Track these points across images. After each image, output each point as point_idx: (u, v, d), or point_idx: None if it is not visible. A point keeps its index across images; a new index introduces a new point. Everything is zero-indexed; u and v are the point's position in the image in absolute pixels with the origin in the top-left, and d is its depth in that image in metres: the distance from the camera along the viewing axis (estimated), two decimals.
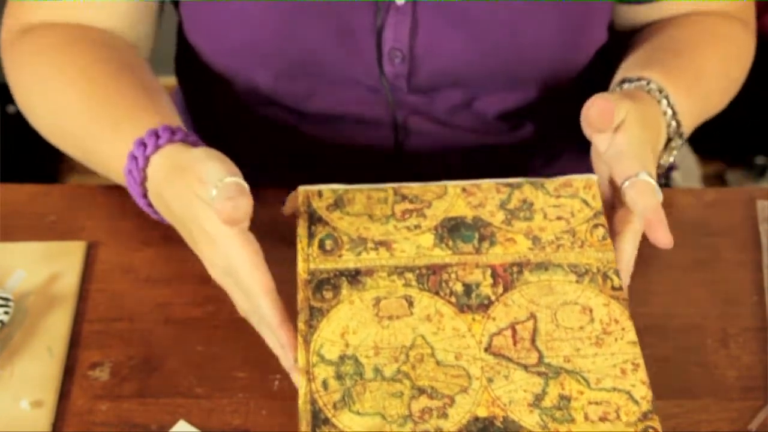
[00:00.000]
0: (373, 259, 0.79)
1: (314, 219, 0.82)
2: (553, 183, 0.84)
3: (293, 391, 0.83)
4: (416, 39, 0.93)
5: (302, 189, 0.84)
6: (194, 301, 0.90)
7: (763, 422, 0.81)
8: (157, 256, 0.93)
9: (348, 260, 0.79)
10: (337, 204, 0.83)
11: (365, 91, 0.97)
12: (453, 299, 0.77)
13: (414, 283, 0.78)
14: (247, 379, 0.84)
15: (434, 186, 0.84)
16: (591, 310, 0.77)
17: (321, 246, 0.80)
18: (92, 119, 0.89)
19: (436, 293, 0.77)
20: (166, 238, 0.95)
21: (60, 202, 0.99)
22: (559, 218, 0.82)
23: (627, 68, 0.93)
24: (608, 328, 0.76)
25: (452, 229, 0.81)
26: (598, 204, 0.83)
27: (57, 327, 0.87)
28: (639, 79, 0.89)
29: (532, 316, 0.76)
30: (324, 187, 0.83)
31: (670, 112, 0.89)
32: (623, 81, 0.90)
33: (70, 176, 2.04)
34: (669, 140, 0.90)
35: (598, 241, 0.81)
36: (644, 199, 0.78)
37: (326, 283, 0.78)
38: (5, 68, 0.98)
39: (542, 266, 0.79)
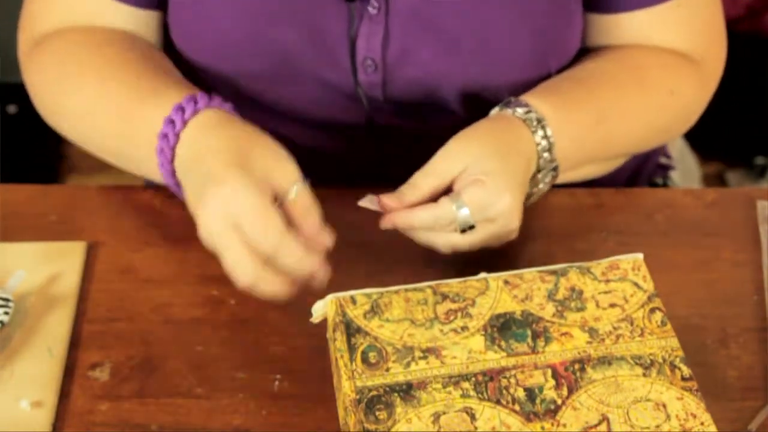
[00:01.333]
0: (423, 369, 0.75)
1: (352, 329, 0.77)
2: (599, 267, 0.82)
3: (293, 391, 0.83)
4: (388, 48, 0.93)
5: (333, 297, 0.79)
6: (194, 301, 0.90)
7: (763, 422, 0.81)
8: (157, 256, 0.93)
9: (397, 373, 0.75)
10: (374, 310, 0.78)
11: (342, 97, 0.97)
12: (517, 407, 0.73)
13: (472, 392, 0.74)
14: (247, 379, 0.84)
15: (474, 281, 0.80)
16: (665, 406, 0.74)
17: (364, 359, 0.76)
18: (123, 98, 0.90)
19: (498, 402, 0.74)
20: (166, 238, 0.95)
21: (60, 202, 0.99)
22: (612, 305, 0.79)
23: (529, 92, 0.92)
24: (686, 424, 0.73)
25: (502, 328, 0.78)
26: (650, 285, 0.81)
27: (57, 327, 0.87)
28: (524, 105, 0.89)
29: (605, 419, 0.73)
30: (357, 293, 0.79)
31: (544, 143, 0.88)
32: (508, 103, 0.90)
33: (70, 176, 2.04)
34: (538, 171, 0.89)
35: (657, 327, 0.79)
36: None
37: (378, 402, 0.73)
38: (26, 77, 0.99)
39: (605, 361, 0.76)
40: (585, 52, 1.00)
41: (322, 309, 0.79)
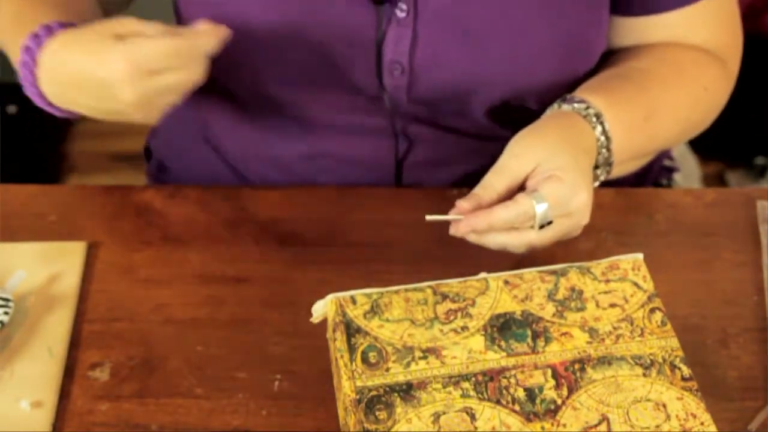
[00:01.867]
0: (423, 369, 0.75)
1: (352, 329, 0.77)
2: (599, 266, 0.82)
3: (293, 391, 0.83)
4: (416, 52, 0.93)
5: (333, 297, 0.79)
6: (194, 301, 0.90)
7: (763, 422, 0.81)
8: (157, 256, 0.93)
9: (397, 373, 0.75)
10: (374, 310, 0.78)
11: (365, 100, 0.97)
12: (517, 407, 0.73)
13: (472, 392, 0.74)
14: (247, 379, 0.84)
15: (474, 281, 0.80)
16: (665, 406, 0.74)
17: (364, 359, 0.75)
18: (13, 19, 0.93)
19: (498, 402, 0.74)
20: (166, 238, 0.95)
21: (60, 202, 0.99)
22: (612, 305, 0.79)
23: (580, 89, 0.93)
24: (686, 424, 0.73)
25: (502, 328, 0.77)
26: (650, 285, 0.81)
27: (57, 327, 0.87)
28: (581, 101, 0.89)
29: (605, 419, 0.73)
30: (357, 293, 0.79)
31: (603, 139, 0.88)
32: (565, 100, 0.90)
33: (70, 176, 2.04)
34: (596, 167, 0.90)
35: (657, 327, 0.78)
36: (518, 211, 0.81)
37: (378, 402, 0.73)
38: None
39: (605, 361, 0.76)
40: (608, 53, 1.01)
41: (322, 309, 0.79)
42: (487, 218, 0.81)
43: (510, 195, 0.83)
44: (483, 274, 0.81)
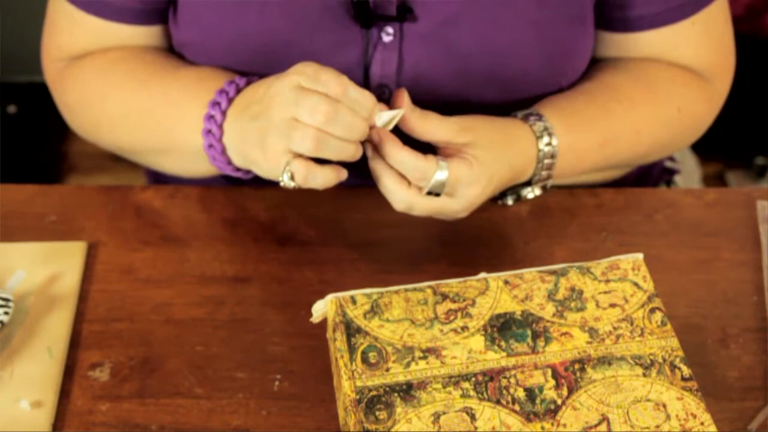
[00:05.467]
0: (423, 369, 0.75)
1: (352, 329, 0.77)
2: (599, 266, 0.82)
3: (293, 391, 0.83)
4: (402, 74, 0.93)
5: (333, 297, 0.79)
6: (194, 301, 0.90)
7: (763, 422, 0.81)
8: (157, 256, 0.93)
9: (397, 373, 0.75)
10: (374, 310, 0.78)
11: None
12: (517, 407, 0.73)
13: (472, 392, 0.74)
14: (247, 379, 0.84)
15: (474, 281, 0.80)
16: (665, 406, 0.74)
17: (365, 360, 0.76)
18: (161, 94, 0.95)
19: (498, 402, 0.74)
20: (166, 238, 0.95)
21: (60, 202, 0.99)
22: (612, 305, 0.79)
23: (545, 104, 0.95)
24: (686, 424, 0.73)
25: (502, 328, 0.78)
26: (650, 285, 0.81)
27: (57, 327, 0.87)
28: (545, 129, 0.92)
29: (605, 419, 0.73)
30: (357, 293, 0.79)
31: (548, 161, 0.92)
32: (528, 117, 0.93)
33: (70, 176, 2.04)
34: (528, 183, 0.94)
35: (657, 327, 0.78)
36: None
37: (378, 402, 0.73)
38: (62, 95, 1.02)
39: (605, 361, 0.76)
40: (594, 61, 1.01)
41: (322, 309, 0.79)
42: (394, 148, 0.84)
43: (428, 133, 0.87)
44: (483, 274, 0.81)
